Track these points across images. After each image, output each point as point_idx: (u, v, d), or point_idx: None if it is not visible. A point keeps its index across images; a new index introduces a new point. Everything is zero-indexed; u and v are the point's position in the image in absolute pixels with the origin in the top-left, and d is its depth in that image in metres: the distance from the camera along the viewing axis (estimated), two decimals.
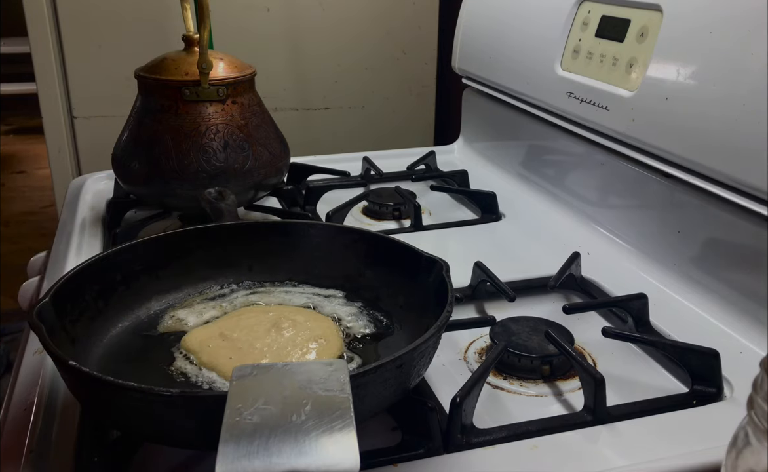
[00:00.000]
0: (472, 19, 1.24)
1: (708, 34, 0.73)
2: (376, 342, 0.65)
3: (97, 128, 1.37)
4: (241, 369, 0.44)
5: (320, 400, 0.41)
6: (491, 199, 1.02)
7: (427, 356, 0.55)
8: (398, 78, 1.55)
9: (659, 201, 0.82)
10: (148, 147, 0.89)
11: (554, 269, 0.78)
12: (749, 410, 0.35)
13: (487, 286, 0.77)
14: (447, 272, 0.62)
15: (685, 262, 0.78)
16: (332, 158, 1.22)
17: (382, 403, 0.52)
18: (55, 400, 0.60)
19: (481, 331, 0.71)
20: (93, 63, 1.35)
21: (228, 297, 0.71)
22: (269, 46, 1.44)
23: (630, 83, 0.84)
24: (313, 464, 0.36)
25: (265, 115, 0.96)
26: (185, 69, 0.90)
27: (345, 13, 1.47)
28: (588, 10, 0.94)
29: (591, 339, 0.70)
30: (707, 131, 0.72)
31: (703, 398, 0.61)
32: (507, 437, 0.55)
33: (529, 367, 0.65)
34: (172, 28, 1.31)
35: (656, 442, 0.55)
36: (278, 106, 1.39)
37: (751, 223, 0.69)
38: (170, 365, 0.60)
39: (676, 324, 0.71)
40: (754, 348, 0.67)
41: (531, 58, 1.04)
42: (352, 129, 1.54)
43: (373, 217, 1.02)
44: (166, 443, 0.51)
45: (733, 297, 0.71)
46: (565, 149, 1.00)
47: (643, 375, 0.66)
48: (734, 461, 0.36)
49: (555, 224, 0.97)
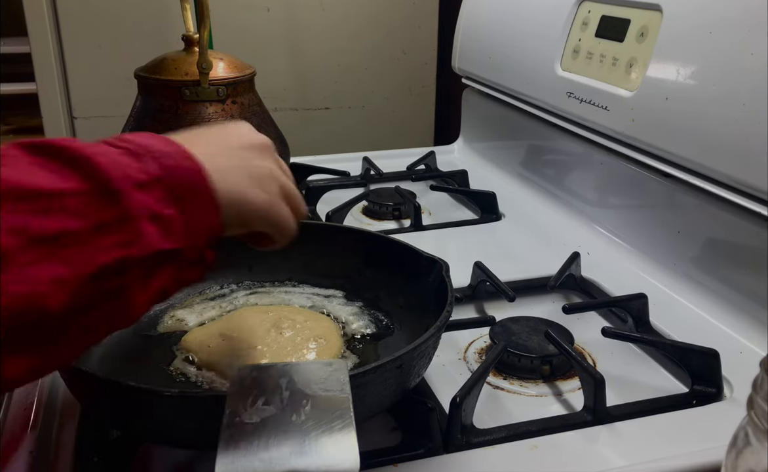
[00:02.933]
0: (472, 19, 1.24)
1: (708, 34, 0.73)
2: (376, 342, 0.65)
3: (97, 128, 1.37)
4: (241, 369, 0.44)
5: (320, 400, 0.41)
6: (491, 199, 1.02)
7: (427, 356, 0.55)
8: (398, 78, 1.55)
9: (659, 201, 0.82)
10: None
11: (554, 269, 0.78)
12: (749, 410, 0.35)
13: (486, 286, 0.77)
14: (447, 272, 0.62)
15: (685, 262, 0.78)
16: (332, 158, 1.22)
17: (382, 403, 0.52)
18: (55, 400, 0.60)
19: (481, 331, 0.71)
20: (93, 63, 1.35)
21: (228, 297, 0.71)
22: (269, 46, 1.44)
23: (630, 83, 0.84)
24: (313, 464, 0.36)
25: (265, 115, 0.96)
26: (185, 69, 0.90)
27: (345, 13, 1.47)
28: (588, 10, 0.94)
29: (591, 339, 0.70)
30: (707, 131, 0.72)
31: (703, 398, 0.61)
32: (507, 437, 0.55)
33: (529, 367, 0.65)
34: (172, 28, 1.30)
35: (656, 442, 0.55)
36: (278, 106, 1.39)
37: (751, 223, 0.69)
38: (170, 365, 0.60)
39: (676, 324, 0.71)
40: (754, 348, 0.67)
41: (531, 58, 1.04)
42: (352, 129, 1.54)
43: (373, 217, 1.02)
44: (166, 443, 0.51)
45: (733, 297, 0.71)
46: (565, 149, 1.00)
47: (643, 375, 0.66)
48: (734, 461, 0.36)
49: (555, 224, 0.97)
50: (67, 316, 0.34)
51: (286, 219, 0.48)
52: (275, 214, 0.46)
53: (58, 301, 0.33)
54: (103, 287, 0.36)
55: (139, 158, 0.38)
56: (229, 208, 0.42)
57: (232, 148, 0.45)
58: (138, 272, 0.37)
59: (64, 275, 0.34)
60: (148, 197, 0.37)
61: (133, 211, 0.36)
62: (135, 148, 0.39)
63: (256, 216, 0.45)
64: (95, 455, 0.53)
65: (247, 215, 0.44)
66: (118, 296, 0.37)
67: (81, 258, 0.34)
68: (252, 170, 0.45)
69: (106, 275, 0.35)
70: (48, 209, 0.34)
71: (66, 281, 0.34)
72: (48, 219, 0.34)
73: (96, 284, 0.35)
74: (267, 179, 0.46)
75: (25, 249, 0.33)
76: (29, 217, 0.33)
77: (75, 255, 0.34)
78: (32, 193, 0.34)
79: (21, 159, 0.36)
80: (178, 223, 0.39)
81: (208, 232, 0.41)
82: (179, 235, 0.39)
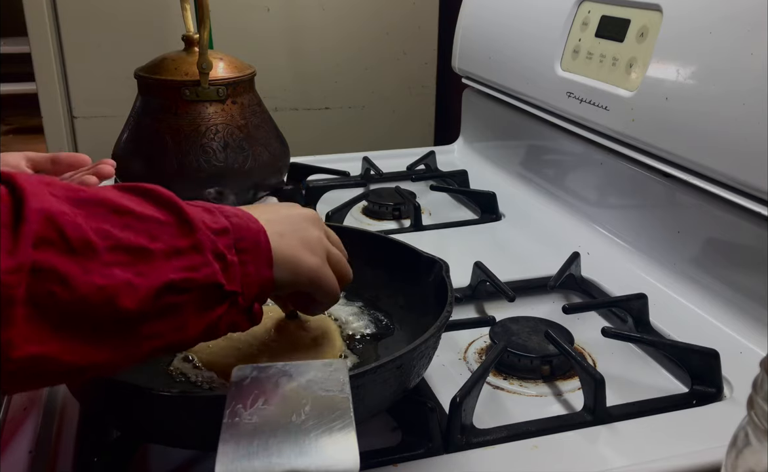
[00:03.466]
0: (472, 19, 1.24)
1: (708, 34, 0.73)
2: (376, 342, 0.65)
3: (97, 128, 1.37)
4: (241, 369, 0.44)
5: (320, 400, 0.41)
6: (491, 199, 1.02)
7: (427, 357, 0.55)
8: (398, 78, 1.55)
9: (659, 201, 0.82)
10: (147, 147, 0.89)
11: (554, 269, 0.78)
12: (749, 410, 0.35)
13: (486, 286, 0.77)
14: (447, 272, 0.62)
15: (685, 262, 0.78)
16: (332, 158, 1.22)
17: (381, 403, 0.52)
18: (55, 400, 0.61)
19: (481, 331, 0.71)
20: (93, 63, 1.35)
21: None
22: (269, 46, 1.44)
23: (630, 83, 0.84)
24: (312, 464, 0.36)
25: (264, 115, 0.96)
26: (185, 69, 0.90)
27: (345, 13, 1.47)
28: (588, 10, 0.94)
29: (591, 339, 0.70)
30: (707, 131, 0.72)
31: (703, 398, 0.61)
32: (507, 437, 0.55)
33: (529, 367, 0.65)
34: (172, 28, 1.30)
35: (656, 442, 0.55)
36: (278, 106, 1.39)
37: (751, 223, 0.69)
38: (170, 365, 0.60)
39: (676, 324, 0.71)
40: (754, 348, 0.67)
41: (531, 58, 1.04)
42: (352, 129, 1.54)
43: (373, 217, 1.02)
44: (166, 443, 0.51)
45: (733, 297, 0.71)
46: (565, 149, 1.00)
47: (643, 375, 0.66)
48: (734, 461, 0.36)
49: (555, 224, 0.97)
50: (133, 320, 0.39)
51: (332, 282, 0.53)
52: (323, 276, 0.52)
53: (128, 302, 0.38)
54: (165, 301, 0.40)
55: (212, 213, 0.45)
56: (282, 266, 0.48)
57: (288, 218, 0.52)
58: (196, 297, 0.42)
59: (137, 283, 0.39)
60: (217, 241, 0.43)
61: (203, 245, 0.42)
62: (209, 207, 0.46)
63: (305, 277, 0.51)
64: (95, 455, 0.53)
65: (298, 275, 0.50)
66: (176, 314, 0.41)
67: (154, 273, 0.40)
68: (304, 237, 0.52)
69: (170, 290, 0.40)
70: (134, 227, 0.40)
71: (138, 288, 0.39)
72: (132, 234, 0.40)
73: (160, 298, 0.40)
74: (317, 245, 0.52)
75: (109, 251, 0.38)
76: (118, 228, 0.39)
77: (149, 270, 0.40)
78: (123, 210, 0.40)
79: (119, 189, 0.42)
80: (237, 270, 0.44)
81: (261, 284, 0.46)
82: (236, 280, 0.44)
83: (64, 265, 0.36)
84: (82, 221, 0.37)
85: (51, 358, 0.36)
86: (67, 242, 0.36)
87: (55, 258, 0.36)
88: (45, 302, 0.35)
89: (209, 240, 0.43)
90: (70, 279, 0.36)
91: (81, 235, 0.37)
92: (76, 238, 0.37)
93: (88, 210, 0.38)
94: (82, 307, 0.37)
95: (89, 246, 0.37)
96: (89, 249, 0.37)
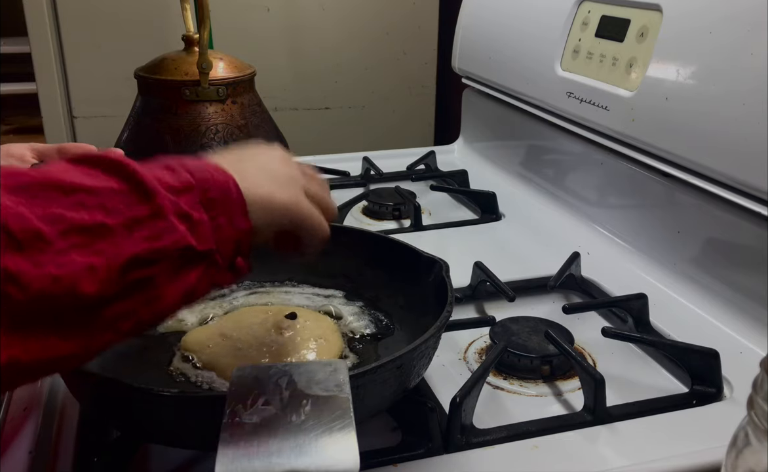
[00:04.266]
0: (472, 19, 1.24)
1: (708, 34, 0.73)
2: (376, 342, 0.65)
3: (97, 128, 1.37)
4: (241, 369, 0.44)
5: (320, 400, 0.41)
6: (491, 199, 1.02)
7: (427, 357, 0.55)
8: (398, 78, 1.55)
9: (659, 201, 0.82)
10: (148, 147, 0.89)
11: (554, 269, 0.78)
12: (749, 410, 0.35)
13: (486, 286, 0.77)
14: (447, 272, 0.62)
15: (685, 262, 0.78)
16: (332, 158, 1.22)
17: (381, 403, 0.52)
18: (55, 400, 0.61)
19: (481, 331, 0.71)
20: (93, 63, 1.35)
21: (228, 297, 0.71)
22: (269, 46, 1.44)
23: (630, 83, 0.84)
24: (312, 464, 0.36)
25: (265, 115, 0.96)
26: (185, 69, 0.90)
27: (345, 13, 1.47)
28: (588, 10, 0.94)
29: (591, 339, 0.70)
30: (707, 131, 0.72)
31: (703, 398, 0.61)
32: (507, 437, 0.55)
33: (529, 367, 0.65)
34: (172, 28, 1.30)
35: (656, 442, 0.55)
36: (278, 106, 1.39)
37: (751, 223, 0.69)
38: (170, 365, 0.60)
39: (676, 324, 0.71)
40: (754, 348, 0.67)
41: (531, 58, 1.04)
42: (352, 129, 1.54)
43: (373, 217, 1.02)
44: (166, 443, 0.51)
45: (733, 297, 0.71)
46: (565, 149, 1.00)
47: (643, 375, 0.66)
48: (734, 461, 0.36)
49: (555, 224, 0.97)
50: (98, 304, 0.36)
51: (313, 216, 0.50)
52: (301, 210, 0.49)
53: (90, 287, 0.36)
54: (132, 277, 0.38)
55: (173, 170, 0.42)
56: (255, 207, 0.45)
57: (255, 157, 0.50)
58: (166, 266, 0.39)
59: (97, 264, 0.36)
60: (180, 200, 0.40)
61: (164, 209, 0.39)
62: (170, 164, 0.42)
63: (280, 213, 0.48)
64: (95, 455, 0.53)
65: (273, 213, 0.47)
66: (147, 288, 0.39)
67: (113, 250, 0.37)
68: (275, 174, 0.49)
69: (135, 265, 0.37)
70: (85, 204, 0.37)
71: (98, 269, 0.36)
72: (85, 212, 0.36)
73: (126, 275, 0.37)
74: (290, 181, 0.50)
75: (62, 236, 0.35)
76: (68, 209, 0.36)
77: (108, 247, 0.37)
78: (72, 187, 0.37)
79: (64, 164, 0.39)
80: (207, 226, 0.41)
81: (238, 236, 0.44)
82: (209, 237, 0.41)
83: (13, 263, 0.33)
84: (26, 210, 0.34)
85: (15, 361, 0.34)
86: (11, 237, 0.33)
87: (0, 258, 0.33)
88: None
89: (170, 202, 0.39)
90: (22, 277, 0.33)
91: (26, 226, 0.34)
92: (20, 230, 0.34)
93: (32, 195, 0.35)
94: (40, 303, 0.34)
95: (37, 236, 0.34)
96: (38, 239, 0.34)
